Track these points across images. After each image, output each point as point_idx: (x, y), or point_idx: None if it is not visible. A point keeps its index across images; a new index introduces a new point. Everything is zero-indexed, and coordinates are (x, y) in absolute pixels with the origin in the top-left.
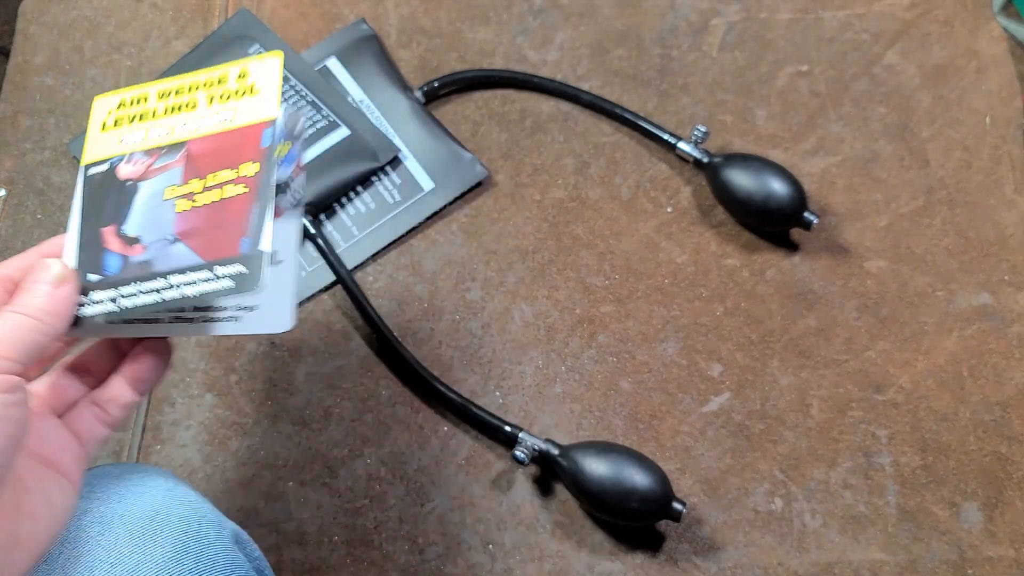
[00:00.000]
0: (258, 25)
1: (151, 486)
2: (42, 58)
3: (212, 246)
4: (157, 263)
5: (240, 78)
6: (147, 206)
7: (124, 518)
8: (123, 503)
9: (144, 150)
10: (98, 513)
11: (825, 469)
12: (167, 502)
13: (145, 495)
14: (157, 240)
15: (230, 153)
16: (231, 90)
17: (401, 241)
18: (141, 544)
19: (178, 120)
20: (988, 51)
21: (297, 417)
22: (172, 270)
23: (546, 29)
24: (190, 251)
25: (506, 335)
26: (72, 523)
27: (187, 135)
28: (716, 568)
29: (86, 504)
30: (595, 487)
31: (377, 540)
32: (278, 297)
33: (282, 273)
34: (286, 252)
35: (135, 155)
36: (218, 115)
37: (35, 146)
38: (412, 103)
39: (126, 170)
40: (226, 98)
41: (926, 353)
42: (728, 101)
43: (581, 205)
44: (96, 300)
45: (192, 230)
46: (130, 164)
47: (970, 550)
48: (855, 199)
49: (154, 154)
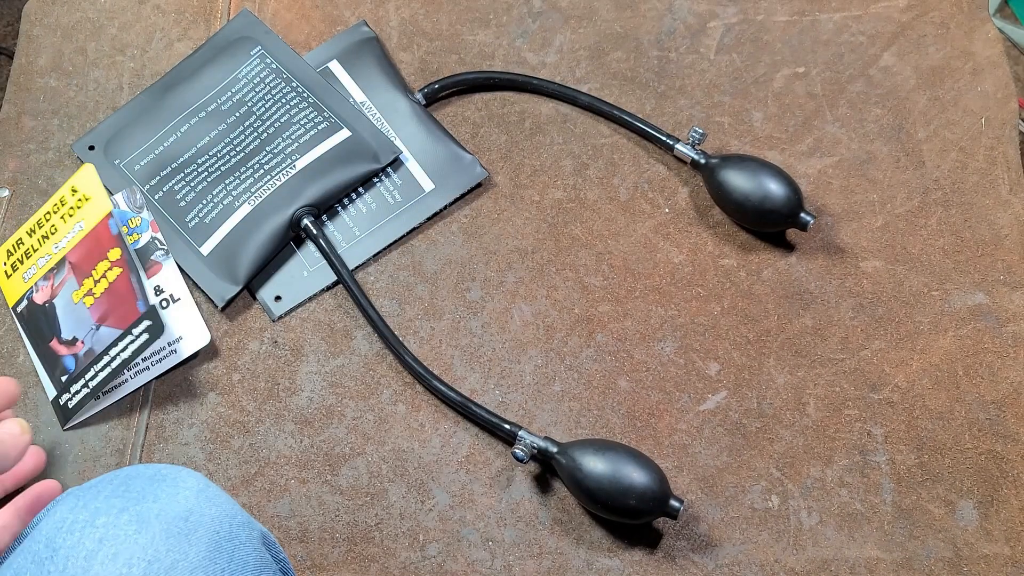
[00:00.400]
0: (260, 27)
1: (184, 487)
2: (46, 60)
3: (123, 317)
4: (96, 347)
5: (73, 193)
6: (67, 313)
7: (160, 517)
8: (158, 503)
9: (42, 277)
10: (135, 512)
11: (821, 467)
12: (200, 503)
13: (179, 495)
14: (87, 333)
15: (96, 250)
16: (72, 207)
17: (402, 241)
18: (176, 543)
19: (50, 245)
20: (984, 53)
21: (299, 415)
22: (107, 347)
23: (545, 32)
24: (111, 328)
25: (505, 334)
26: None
27: (62, 252)
28: (713, 565)
29: (123, 503)
30: (593, 484)
31: (378, 537)
32: (188, 323)
33: (183, 306)
34: (179, 289)
35: (38, 283)
36: (74, 227)
37: (39, 147)
38: (413, 105)
39: (39, 297)
40: (72, 213)
41: (922, 352)
42: (725, 103)
43: (580, 206)
44: (75, 391)
45: (104, 314)
46: (39, 292)
47: (965, 548)
48: (851, 200)
49: (50, 277)
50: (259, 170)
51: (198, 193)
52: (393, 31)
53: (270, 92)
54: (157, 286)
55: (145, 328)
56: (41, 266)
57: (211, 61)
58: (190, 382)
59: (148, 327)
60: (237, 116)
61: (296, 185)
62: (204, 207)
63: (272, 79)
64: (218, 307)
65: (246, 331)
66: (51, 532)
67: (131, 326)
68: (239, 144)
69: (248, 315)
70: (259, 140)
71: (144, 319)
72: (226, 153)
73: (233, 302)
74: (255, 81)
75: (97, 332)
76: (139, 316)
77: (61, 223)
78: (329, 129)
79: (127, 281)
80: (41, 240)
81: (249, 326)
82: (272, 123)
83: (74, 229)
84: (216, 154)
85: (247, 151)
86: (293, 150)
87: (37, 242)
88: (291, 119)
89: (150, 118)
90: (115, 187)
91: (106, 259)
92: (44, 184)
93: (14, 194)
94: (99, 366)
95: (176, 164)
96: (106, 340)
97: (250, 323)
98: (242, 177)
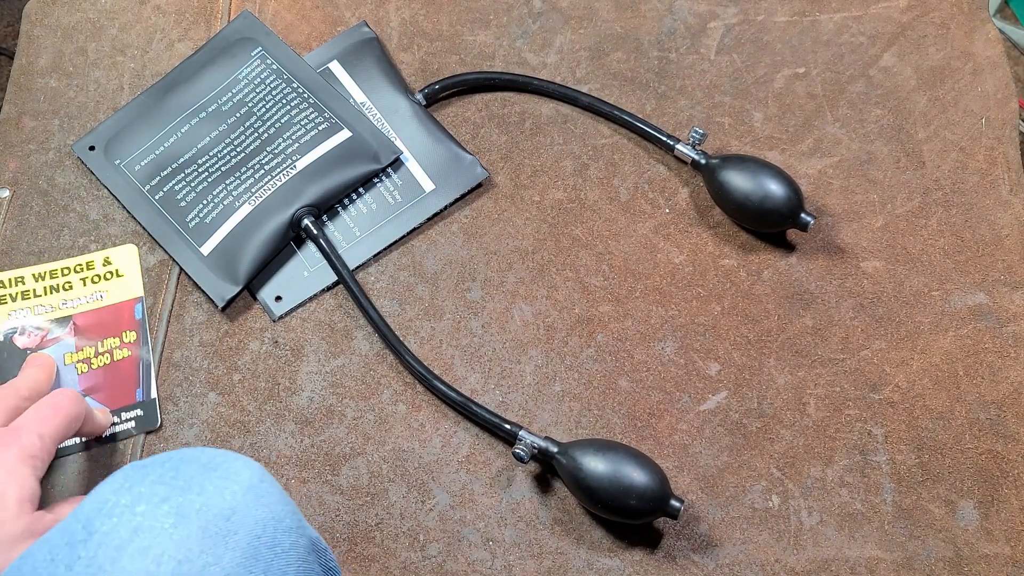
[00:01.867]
0: (260, 28)
1: (234, 480)
2: (46, 60)
3: (115, 397)
4: None
5: (105, 264)
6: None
7: (201, 513)
8: (203, 495)
9: (36, 325)
10: (176, 503)
11: (822, 467)
12: (246, 501)
13: (226, 490)
14: None
15: (111, 325)
16: (99, 274)
17: (402, 241)
18: (212, 544)
19: (57, 298)
20: (984, 53)
21: (299, 415)
22: None
23: (545, 32)
24: (96, 403)
25: (506, 334)
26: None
27: (70, 311)
28: (713, 565)
29: (167, 491)
30: (594, 484)
31: (379, 537)
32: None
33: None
34: None
35: (27, 327)
36: (94, 294)
37: (39, 147)
38: (413, 105)
39: (22, 341)
40: (97, 280)
41: (922, 352)
42: (725, 103)
43: (580, 206)
44: None
45: (95, 387)
46: (24, 336)
47: (966, 547)
48: (851, 200)
49: (45, 328)
50: (259, 170)
51: (199, 193)
52: (393, 32)
53: (271, 93)
54: None
55: (134, 417)
56: (37, 313)
57: (212, 62)
58: (191, 382)
59: (138, 417)
60: (238, 116)
61: (296, 185)
62: (204, 207)
63: (273, 80)
64: (218, 307)
65: (246, 331)
66: (91, 512)
67: (121, 409)
68: (239, 144)
69: (248, 315)
70: (259, 140)
71: (137, 408)
72: (227, 153)
73: (233, 302)
74: (256, 82)
75: None
76: (133, 403)
77: (80, 284)
78: (330, 130)
79: (133, 367)
80: (49, 290)
81: (249, 326)
82: (273, 123)
83: (94, 295)
84: (217, 154)
85: (248, 151)
86: (294, 150)
87: (43, 290)
88: (292, 120)
89: (151, 118)
90: (115, 187)
91: (118, 338)
92: (44, 184)
93: (14, 194)
94: None
95: (176, 164)
96: None
97: (250, 323)
98: (242, 177)
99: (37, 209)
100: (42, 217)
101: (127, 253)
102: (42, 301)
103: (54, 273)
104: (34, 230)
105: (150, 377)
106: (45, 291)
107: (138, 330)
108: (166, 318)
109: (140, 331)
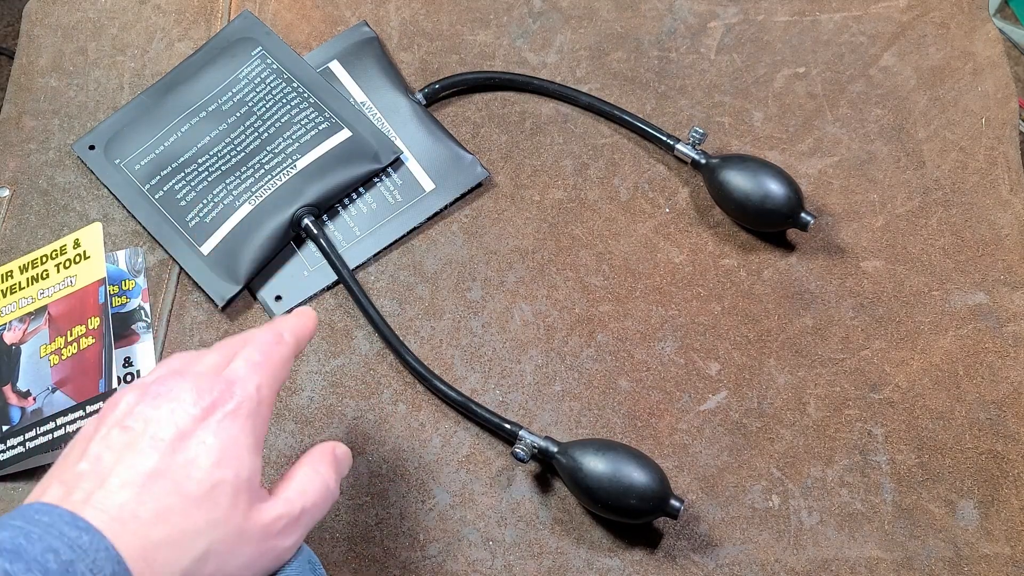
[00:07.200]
0: (260, 27)
1: None
2: (46, 60)
3: (80, 390)
4: (46, 409)
5: (75, 246)
6: (30, 363)
7: None
8: None
9: (18, 317)
10: None
11: (822, 467)
12: None
13: None
14: (42, 391)
15: (78, 311)
16: (69, 258)
17: (402, 241)
18: None
19: (36, 289)
20: (984, 53)
21: (299, 415)
22: (57, 413)
23: (545, 32)
24: (66, 396)
25: (506, 334)
26: None
27: (46, 300)
28: (713, 565)
29: None
30: (594, 484)
31: (379, 536)
32: None
33: None
34: (148, 366)
35: (13, 322)
36: (64, 280)
37: (39, 147)
38: (413, 105)
39: (9, 336)
40: (67, 265)
41: (922, 352)
42: (725, 103)
43: (580, 206)
44: (10, 446)
45: (64, 379)
46: (10, 331)
47: (966, 547)
48: (851, 200)
49: (26, 320)
50: (260, 170)
51: (198, 193)
52: (393, 31)
53: (271, 92)
54: (127, 357)
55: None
56: (21, 306)
57: (212, 61)
58: None
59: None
60: (238, 116)
61: (297, 185)
62: (204, 207)
63: (273, 79)
64: (218, 307)
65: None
66: None
67: (85, 402)
68: (240, 144)
69: (248, 315)
70: (260, 140)
71: (100, 400)
72: (227, 153)
73: (233, 302)
74: (256, 81)
75: (52, 395)
76: (96, 395)
77: (54, 271)
78: (330, 129)
79: (97, 355)
80: (30, 280)
81: (249, 326)
82: (273, 123)
83: (64, 282)
84: (217, 154)
85: (248, 151)
86: (294, 150)
87: (26, 281)
88: (292, 119)
89: (151, 118)
90: (116, 187)
91: (84, 325)
92: (44, 184)
93: (14, 194)
94: (42, 430)
95: (176, 164)
96: (58, 406)
97: (250, 323)
98: (243, 177)
99: (37, 208)
100: (42, 216)
101: (93, 233)
102: (25, 293)
103: (35, 263)
104: (34, 229)
105: (111, 365)
106: (27, 282)
107: (101, 314)
108: (166, 318)
109: (103, 315)
